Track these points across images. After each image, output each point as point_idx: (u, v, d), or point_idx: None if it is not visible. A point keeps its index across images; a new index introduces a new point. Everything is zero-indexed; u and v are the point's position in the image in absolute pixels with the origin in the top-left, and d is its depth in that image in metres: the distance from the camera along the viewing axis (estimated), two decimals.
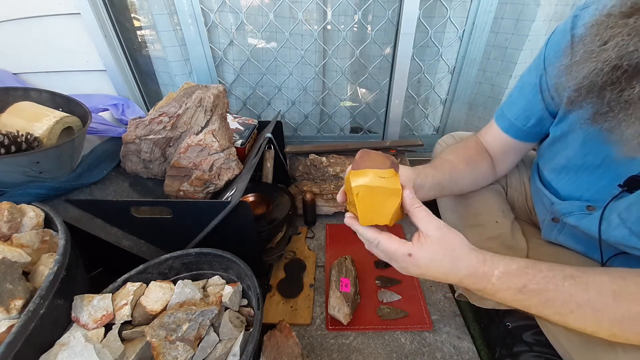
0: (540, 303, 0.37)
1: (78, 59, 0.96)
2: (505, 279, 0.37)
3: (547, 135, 0.54)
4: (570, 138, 0.48)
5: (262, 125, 1.01)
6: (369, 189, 0.38)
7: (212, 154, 0.69)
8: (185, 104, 0.71)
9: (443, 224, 0.39)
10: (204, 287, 0.56)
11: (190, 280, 0.54)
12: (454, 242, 0.38)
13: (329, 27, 1.00)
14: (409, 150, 1.06)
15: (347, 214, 0.44)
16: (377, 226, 0.42)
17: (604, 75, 0.33)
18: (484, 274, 0.37)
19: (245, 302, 0.55)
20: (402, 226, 0.95)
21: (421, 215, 0.39)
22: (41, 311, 0.40)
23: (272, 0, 0.95)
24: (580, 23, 0.43)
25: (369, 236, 0.40)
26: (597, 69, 0.33)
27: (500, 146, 0.60)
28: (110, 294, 0.50)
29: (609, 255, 0.49)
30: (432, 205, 0.48)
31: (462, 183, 0.60)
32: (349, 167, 0.43)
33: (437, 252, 0.37)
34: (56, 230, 0.51)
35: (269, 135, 0.88)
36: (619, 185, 0.42)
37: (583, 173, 0.48)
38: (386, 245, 0.39)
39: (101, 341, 0.45)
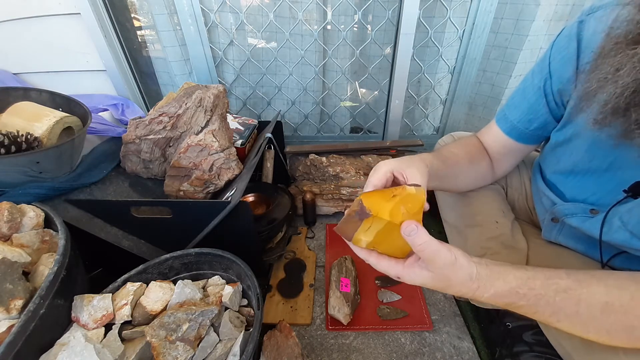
0: (529, 313, 0.38)
1: (78, 59, 0.96)
2: (495, 299, 0.37)
3: (549, 138, 0.54)
4: (575, 143, 0.48)
5: (262, 125, 1.01)
6: (390, 227, 0.35)
7: (212, 154, 0.69)
8: (185, 104, 0.71)
9: (451, 262, 0.35)
10: (204, 287, 0.56)
11: (190, 280, 0.54)
12: (450, 276, 0.36)
13: (329, 27, 1.00)
14: (409, 150, 1.06)
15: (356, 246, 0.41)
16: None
17: (625, 98, 0.33)
18: (473, 297, 0.38)
19: (245, 302, 0.55)
20: None
21: (428, 255, 0.35)
22: (41, 311, 0.39)
23: (272, 0, 0.95)
24: (586, 30, 0.43)
25: (362, 255, 0.40)
26: (617, 94, 0.34)
27: (500, 148, 0.59)
28: (110, 294, 0.50)
29: (609, 255, 0.49)
30: (429, 203, 0.46)
31: (461, 181, 0.59)
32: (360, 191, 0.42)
33: (428, 281, 0.37)
34: (56, 230, 0.51)
35: (269, 135, 0.88)
36: (624, 191, 0.42)
37: (590, 177, 0.48)
38: (377, 267, 0.39)
39: (101, 341, 0.45)
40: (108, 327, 0.47)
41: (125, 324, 0.49)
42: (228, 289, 0.53)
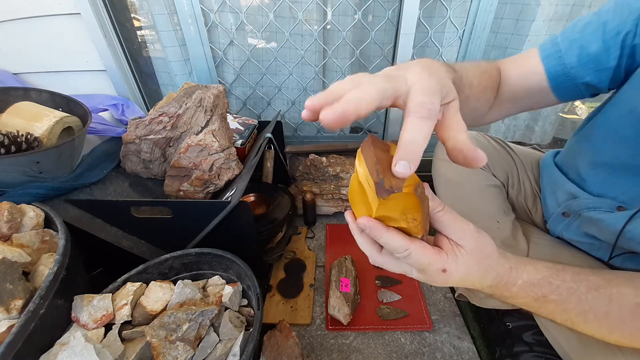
0: (556, 311, 0.34)
1: (78, 59, 0.96)
2: (527, 288, 0.33)
3: (586, 120, 0.48)
4: (621, 127, 0.42)
5: (262, 125, 1.01)
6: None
7: (212, 154, 0.69)
8: (185, 104, 0.71)
9: (475, 229, 0.31)
10: (204, 287, 0.56)
11: (190, 280, 0.54)
12: (487, 250, 0.32)
13: (329, 27, 1.00)
14: None
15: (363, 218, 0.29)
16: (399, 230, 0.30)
17: None
18: (506, 284, 0.33)
19: (245, 302, 0.55)
20: None
21: (451, 222, 0.31)
22: (41, 311, 0.40)
23: (272, 0, 0.95)
24: None
25: (396, 244, 0.28)
26: None
27: (523, 89, 0.46)
28: (110, 294, 0.50)
29: (615, 254, 0.49)
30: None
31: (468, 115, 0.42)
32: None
33: (472, 265, 0.31)
34: (56, 230, 0.51)
35: (269, 135, 0.88)
36: None
37: (625, 174, 0.44)
38: (418, 258, 0.29)
39: (101, 341, 0.45)
40: (108, 327, 0.47)
41: (125, 324, 0.49)
42: (228, 289, 0.53)
